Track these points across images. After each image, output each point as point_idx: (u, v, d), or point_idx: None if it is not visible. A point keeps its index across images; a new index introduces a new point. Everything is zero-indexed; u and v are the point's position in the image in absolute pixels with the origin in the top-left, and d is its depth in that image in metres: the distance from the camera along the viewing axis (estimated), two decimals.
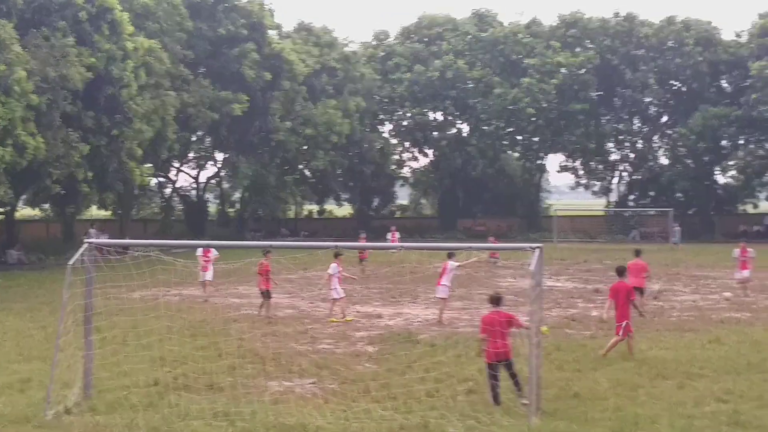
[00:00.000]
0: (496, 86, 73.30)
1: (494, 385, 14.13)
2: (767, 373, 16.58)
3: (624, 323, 18.23)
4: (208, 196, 77.55)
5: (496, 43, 75.86)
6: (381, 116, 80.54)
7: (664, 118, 78.97)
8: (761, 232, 70.92)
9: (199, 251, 29.18)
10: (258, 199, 71.34)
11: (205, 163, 74.03)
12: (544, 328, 14.01)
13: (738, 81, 71.77)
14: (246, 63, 59.90)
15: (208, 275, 29.45)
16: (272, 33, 67.18)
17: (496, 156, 78.56)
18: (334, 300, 24.75)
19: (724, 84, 74.78)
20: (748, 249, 31.40)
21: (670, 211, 62.50)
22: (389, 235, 46.03)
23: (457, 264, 24.62)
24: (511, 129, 76.20)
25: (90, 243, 14.56)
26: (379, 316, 25.45)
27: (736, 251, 31.63)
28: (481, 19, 79.83)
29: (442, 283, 24.40)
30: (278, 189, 70.99)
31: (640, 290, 24.71)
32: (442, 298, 24.42)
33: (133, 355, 17.16)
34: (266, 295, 25.37)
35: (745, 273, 30.96)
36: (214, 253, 29.68)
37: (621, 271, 19.53)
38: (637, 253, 26.27)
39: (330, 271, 24.93)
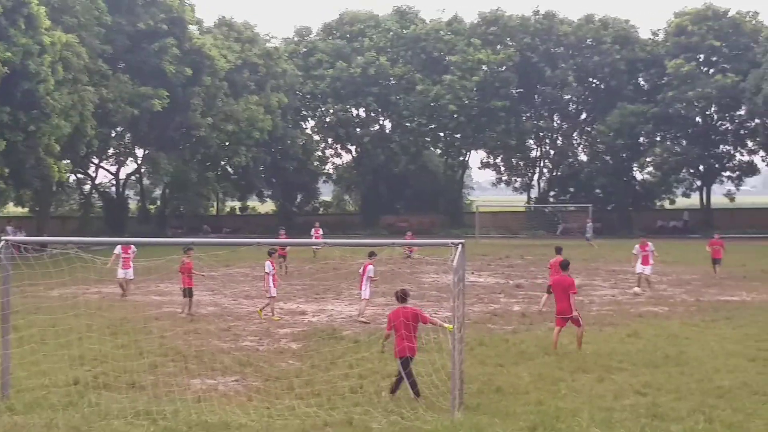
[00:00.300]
0: (418, 83, 73.78)
1: (413, 382, 14.21)
2: (684, 366, 16.91)
3: (570, 315, 18.50)
4: (129, 192, 76.57)
5: (418, 40, 76.38)
6: (303, 112, 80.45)
7: (583, 115, 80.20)
8: (678, 227, 72.34)
9: (118, 248, 28.71)
10: (179, 196, 70.82)
11: (125, 160, 73.07)
12: (448, 326, 14.08)
13: (655, 79, 73.05)
14: (166, 58, 59.10)
15: (129, 273, 29.03)
16: (193, 28, 66.41)
17: (418, 152, 79.27)
18: (271, 298, 24.61)
19: (641, 82, 76.11)
20: (648, 243, 31.94)
21: (588, 207, 63.33)
22: (313, 232, 46.29)
23: (374, 277, 24.60)
24: (433, 126, 76.96)
25: (7, 240, 14.29)
26: (303, 313, 25.39)
27: (636, 247, 32.16)
28: (403, 16, 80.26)
29: (363, 286, 24.31)
30: (200, 185, 70.63)
31: None
32: (364, 299, 24.37)
33: (52, 354, 16.90)
34: (188, 293, 25.14)
35: (647, 268, 31.53)
36: (133, 249, 29.30)
37: (565, 266, 19.74)
38: (558, 250, 26.51)
39: (266, 269, 24.80)
